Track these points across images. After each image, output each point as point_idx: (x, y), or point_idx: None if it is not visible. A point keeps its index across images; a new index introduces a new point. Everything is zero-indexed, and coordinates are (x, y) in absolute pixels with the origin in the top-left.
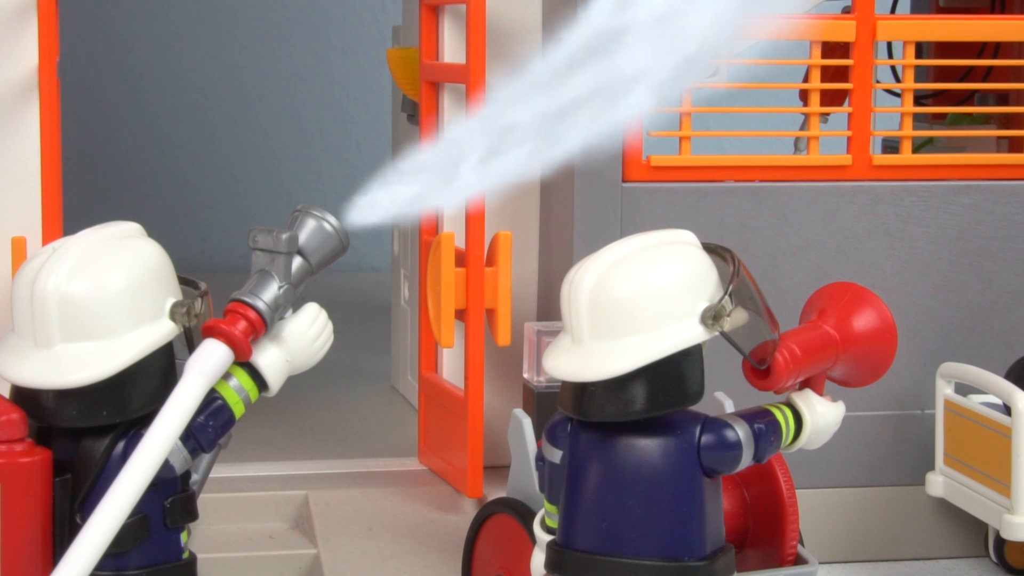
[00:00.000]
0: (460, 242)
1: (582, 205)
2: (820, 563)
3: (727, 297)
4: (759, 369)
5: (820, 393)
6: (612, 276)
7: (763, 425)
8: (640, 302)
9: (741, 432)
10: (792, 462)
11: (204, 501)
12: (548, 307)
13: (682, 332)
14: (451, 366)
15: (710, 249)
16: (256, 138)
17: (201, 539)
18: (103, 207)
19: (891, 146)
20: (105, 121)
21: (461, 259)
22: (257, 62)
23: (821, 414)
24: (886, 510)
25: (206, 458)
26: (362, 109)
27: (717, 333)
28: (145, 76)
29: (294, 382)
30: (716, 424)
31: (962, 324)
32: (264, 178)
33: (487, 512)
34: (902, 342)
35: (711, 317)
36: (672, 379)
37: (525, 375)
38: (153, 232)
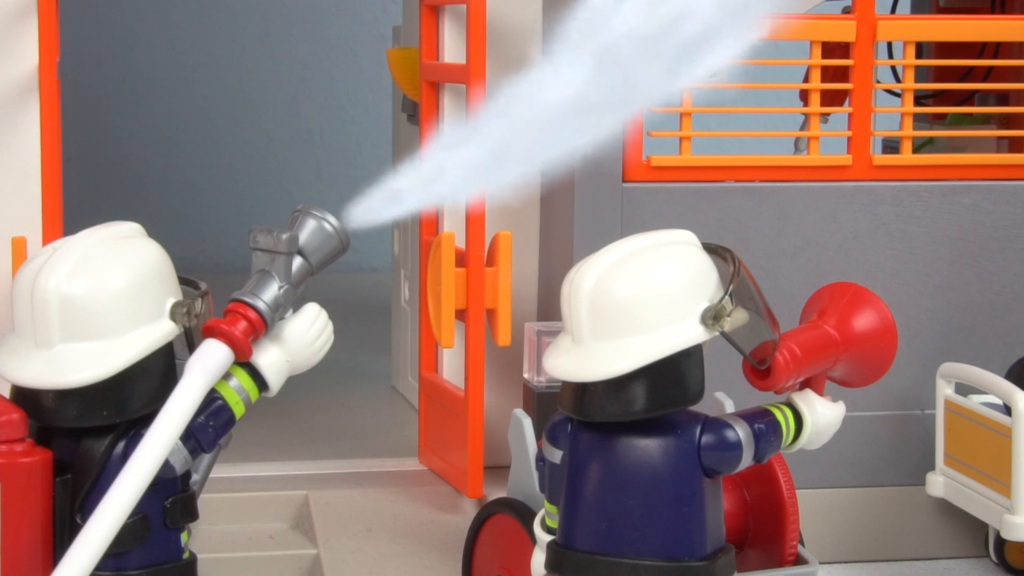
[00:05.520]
0: (460, 242)
1: (582, 205)
2: (820, 563)
3: (727, 297)
4: (759, 369)
5: (820, 393)
6: (612, 276)
7: (763, 425)
8: (640, 302)
9: (741, 432)
10: (792, 462)
11: (204, 501)
12: (548, 307)
13: (682, 332)
14: (451, 366)
15: (710, 249)
16: (256, 138)
17: (201, 539)
18: (103, 207)
19: (891, 146)
20: (105, 121)
21: (461, 259)
22: (257, 62)
23: (821, 414)
24: (886, 510)
25: (206, 458)
26: (362, 109)
27: (717, 333)
28: (146, 76)
29: (294, 382)
30: (716, 424)
31: (962, 324)
32: (264, 178)
33: (487, 512)
34: (902, 342)
35: (711, 317)
36: (672, 379)
37: (525, 375)
38: (153, 232)
